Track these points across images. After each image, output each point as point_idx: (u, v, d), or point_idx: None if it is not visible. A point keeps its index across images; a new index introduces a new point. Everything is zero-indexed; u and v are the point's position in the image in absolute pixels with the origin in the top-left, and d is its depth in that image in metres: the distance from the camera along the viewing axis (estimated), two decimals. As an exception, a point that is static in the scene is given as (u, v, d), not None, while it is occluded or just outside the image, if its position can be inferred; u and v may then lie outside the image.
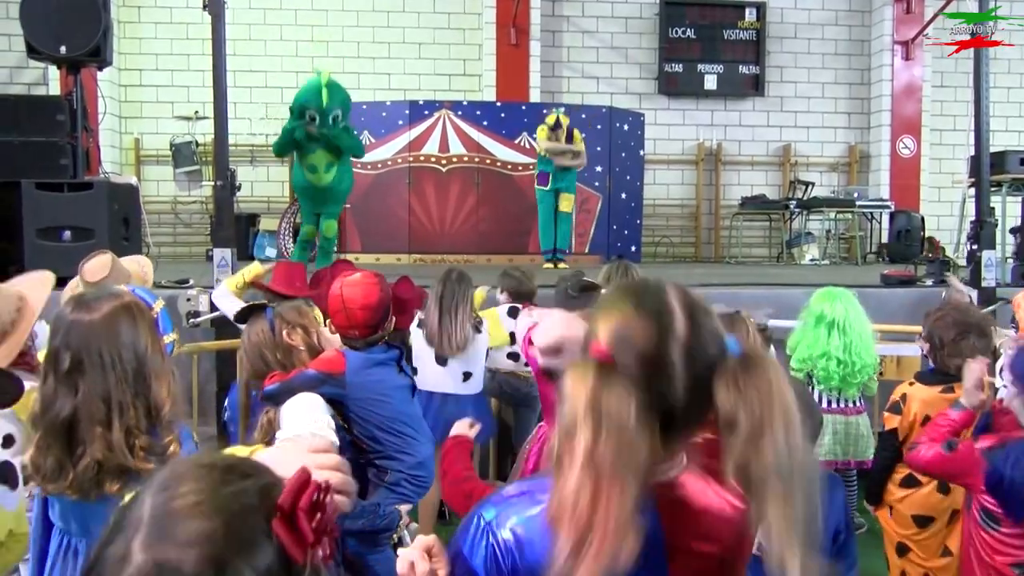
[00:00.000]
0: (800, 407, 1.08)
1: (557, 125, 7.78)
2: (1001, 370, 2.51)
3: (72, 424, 1.71)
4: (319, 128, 6.01)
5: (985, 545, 2.26)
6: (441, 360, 3.92)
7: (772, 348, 3.86)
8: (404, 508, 2.45)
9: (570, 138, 7.80)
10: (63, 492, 1.72)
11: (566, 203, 7.98)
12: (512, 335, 4.38)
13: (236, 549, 0.78)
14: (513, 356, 4.38)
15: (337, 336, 2.72)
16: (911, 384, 2.97)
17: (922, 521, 2.89)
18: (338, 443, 2.30)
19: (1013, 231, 7.34)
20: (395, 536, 2.42)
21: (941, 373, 2.88)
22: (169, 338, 1.88)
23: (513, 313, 4.42)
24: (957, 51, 5.83)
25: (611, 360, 1.07)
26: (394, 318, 2.92)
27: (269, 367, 2.65)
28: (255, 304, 2.71)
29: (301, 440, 1.16)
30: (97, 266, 2.96)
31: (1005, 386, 2.43)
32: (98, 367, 1.71)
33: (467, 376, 3.97)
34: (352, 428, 2.60)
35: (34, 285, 2.27)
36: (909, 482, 2.91)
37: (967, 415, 2.43)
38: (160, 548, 0.77)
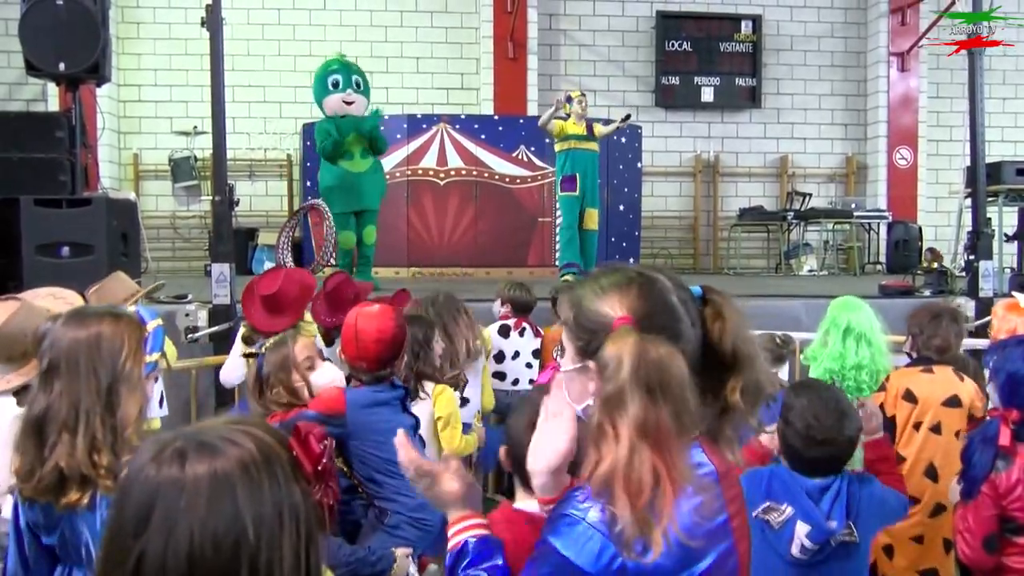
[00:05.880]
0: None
1: (568, 100, 7.05)
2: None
3: (42, 424, 1.72)
4: (342, 88, 6.36)
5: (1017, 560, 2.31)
6: None
7: (788, 363, 3.87)
8: (402, 552, 2.36)
9: (590, 130, 7.05)
10: (34, 496, 1.72)
11: (591, 220, 7.10)
12: (500, 353, 4.37)
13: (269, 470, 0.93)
14: (499, 375, 4.36)
15: (325, 381, 2.60)
16: (895, 371, 3.23)
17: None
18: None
19: (1012, 237, 7.35)
20: None
21: (919, 360, 3.15)
22: (152, 357, 1.85)
23: (504, 332, 4.42)
24: (957, 51, 5.82)
25: (637, 324, 1.13)
26: (406, 357, 2.84)
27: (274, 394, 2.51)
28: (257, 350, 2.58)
29: None
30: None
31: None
32: (73, 372, 1.72)
33: (464, 402, 3.75)
34: (352, 469, 2.53)
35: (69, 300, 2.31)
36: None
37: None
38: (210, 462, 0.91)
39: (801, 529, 2.06)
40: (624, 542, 1.06)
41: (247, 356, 2.66)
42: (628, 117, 7.41)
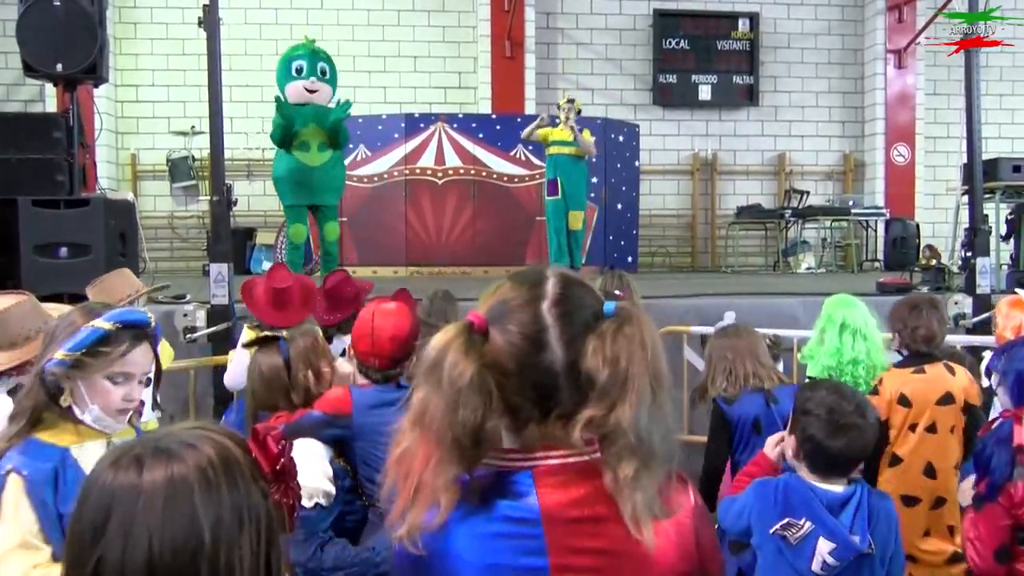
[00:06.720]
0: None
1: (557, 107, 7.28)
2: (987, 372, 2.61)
3: None
4: (306, 75, 6.02)
5: None
6: None
7: (782, 362, 3.87)
8: None
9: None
10: None
11: (575, 221, 7.35)
12: None
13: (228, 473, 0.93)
14: None
15: (350, 369, 2.61)
16: (887, 371, 3.16)
17: (908, 501, 2.94)
18: (334, 493, 2.29)
19: (1004, 237, 7.36)
20: None
21: (910, 357, 3.10)
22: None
23: None
24: (957, 51, 5.82)
25: (484, 326, 1.10)
26: (414, 358, 2.85)
27: (277, 403, 2.55)
28: (267, 335, 2.59)
29: None
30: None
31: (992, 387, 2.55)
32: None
33: None
34: (355, 470, 2.51)
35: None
36: (892, 462, 2.99)
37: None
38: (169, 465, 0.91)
39: (824, 546, 2.02)
40: (390, 518, 1.08)
41: (248, 346, 2.65)
42: (543, 120, 7.41)
